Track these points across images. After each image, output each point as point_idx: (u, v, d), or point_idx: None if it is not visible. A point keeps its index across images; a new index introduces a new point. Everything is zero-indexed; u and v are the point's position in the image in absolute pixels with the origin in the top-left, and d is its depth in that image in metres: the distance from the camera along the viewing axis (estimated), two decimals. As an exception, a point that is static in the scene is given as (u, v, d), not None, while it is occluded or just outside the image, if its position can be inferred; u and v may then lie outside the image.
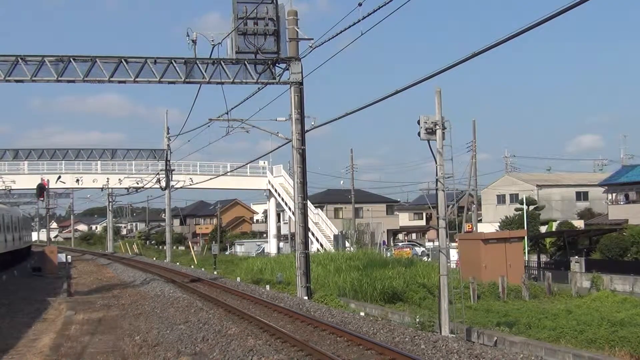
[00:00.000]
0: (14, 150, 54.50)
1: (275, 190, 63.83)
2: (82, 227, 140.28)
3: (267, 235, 71.57)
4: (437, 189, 16.68)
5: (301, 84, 23.81)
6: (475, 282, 25.85)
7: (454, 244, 33.62)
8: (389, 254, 43.53)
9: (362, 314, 18.90)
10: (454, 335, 15.38)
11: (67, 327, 16.41)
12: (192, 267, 43.01)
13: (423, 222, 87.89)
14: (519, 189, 62.08)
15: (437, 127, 16.07)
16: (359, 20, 18.01)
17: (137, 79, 23.31)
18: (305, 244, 24.19)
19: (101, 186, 65.64)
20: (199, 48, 23.27)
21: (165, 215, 60.71)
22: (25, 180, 60.01)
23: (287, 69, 23.91)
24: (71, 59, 22.75)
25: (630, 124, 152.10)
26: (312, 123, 25.00)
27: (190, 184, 58.92)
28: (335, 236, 48.24)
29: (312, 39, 22.93)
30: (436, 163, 16.25)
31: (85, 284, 31.25)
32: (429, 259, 44.02)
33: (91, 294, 26.01)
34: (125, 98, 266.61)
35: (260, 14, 22.98)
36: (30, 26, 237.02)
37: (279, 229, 70.93)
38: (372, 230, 52.87)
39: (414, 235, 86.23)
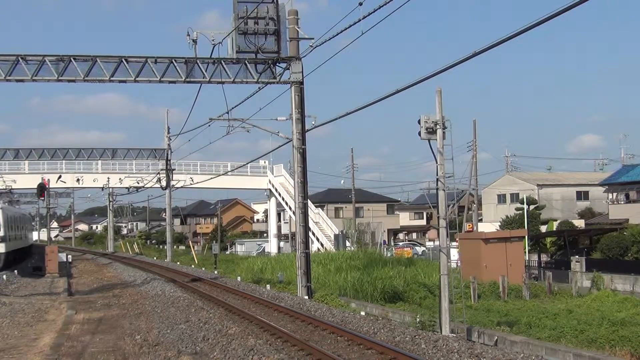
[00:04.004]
0: (15, 149, 54.67)
1: (276, 190, 63.81)
2: (83, 227, 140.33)
3: (267, 235, 71.57)
4: (437, 189, 16.67)
5: (302, 83, 23.80)
6: (475, 281, 25.83)
7: (454, 244, 33.58)
8: (389, 254, 43.51)
9: (362, 313, 18.89)
10: (454, 335, 15.38)
11: (67, 326, 16.40)
12: (193, 266, 43.03)
13: (423, 222, 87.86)
14: (520, 188, 62.05)
15: (438, 126, 16.06)
16: (360, 20, 18.02)
17: (137, 79, 23.32)
18: (306, 243, 24.19)
19: (102, 186, 65.67)
20: (200, 47, 23.32)
21: (165, 215, 60.72)
22: (26, 180, 60.06)
23: (288, 69, 23.90)
24: (72, 59, 22.77)
25: (631, 124, 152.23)
26: (313, 122, 25.01)
27: (191, 184, 58.91)
28: (336, 236, 48.20)
29: (313, 38, 22.95)
30: (437, 162, 16.24)
31: (85, 283, 31.28)
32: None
33: (92, 293, 26.02)
34: (126, 97, 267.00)
35: (261, 14, 22.98)
36: (30, 26, 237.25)
37: (279, 228, 70.92)
38: (372, 229, 52.83)
39: (414, 235, 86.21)
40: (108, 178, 64.76)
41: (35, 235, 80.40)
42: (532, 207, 52.67)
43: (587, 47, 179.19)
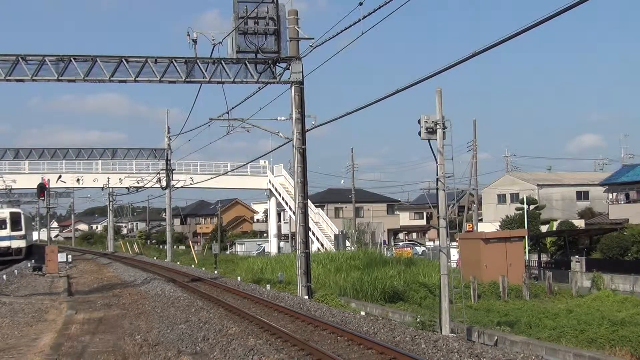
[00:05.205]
0: (15, 149, 54.65)
1: (276, 190, 63.83)
2: (83, 227, 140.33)
3: (267, 235, 71.58)
4: (437, 189, 16.67)
5: (302, 83, 23.80)
6: (475, 281, 25.84)
7: (454, 244, 33.59)
8: (389, 254, 43.50)
9: (362, 313, 18.89)
10: (454, 335, 15.38)
11: (67, 326, 16.41)
12: (193, 266, 43.04)
13: (424, 222, 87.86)
14: (520, 188, 62.06)
15: (438, 126, 16.06)
16: (360, 20, 18.01)
17: (137, 79, 23.32)
18: (306, 243, 24.19)
19: (102, 186, 65.71)
20: (200, 47, 23.32)
21: (165, 215, 60.72)
22: (26, 180, 60.12)
23: (288, 69, 23.90)
24: (72, 59, 22.77)
25: (631, 124, 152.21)
26: (313, 122, 25.01)
27: (191, 184, 58.92)
28: (336, 235, 48.22)
29: (313, 38, 22.96)
30: (437, 162, 16.24)
31: (85, 283, 31.29)
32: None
33: (92, 293, 26.03)
34: (126, 97, 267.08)
35: (261, 14, 22.98)
36: (30, 26, 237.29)
37: (279, 228, 70.92)
38: (372, 229, 52.85)
39: (414, 235, 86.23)
40: (108, 178, 64.78)
41: (35, 235, 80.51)
42: (532, 207, 52.66)
43: (587, 47, 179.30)
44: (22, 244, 47.29)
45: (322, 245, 52.97)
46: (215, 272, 37.52)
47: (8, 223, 46.32)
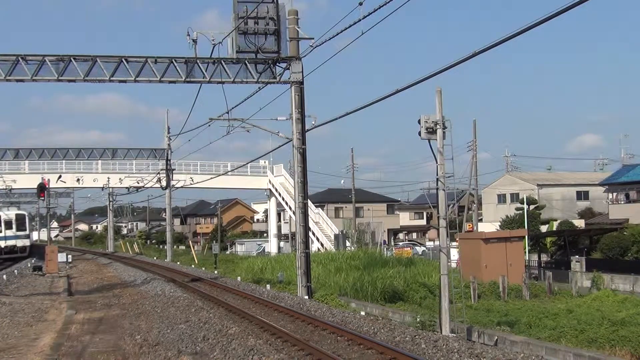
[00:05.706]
0: (15, 149, 54.73)
1: (276, 190, 63.82)
2: (83, 227, 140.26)
3: (267, 235, 71.56)
4: (437, 189, 16.68)
5: (302, 83, 23.79)
6: (475, 281, 25.84)
7: (454, 244, 33.57)
8: (389, 254, 43.49)
9: (362, 313, 18.89)
10: (454, 335, 15.38)
11: (67, 326, 16.41)
12: (193, 266, 43.04)
13: (424, 222, 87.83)
14: (520, 188, 62.03)
15: (438, 126, 16.07)
16: (360, 20, 18.01)
17: (137, 79, 23.32)
18: (306, 243, 24.19)
19: (102, 186, 65.70)
20: (200, 47, 23.33)
21: (165, 215, 60.72)
22: (26, 180, 60.15)
23: (288, 69, 23.90)
24: (72, 59, 22.77)
25: (631, 123, 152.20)
26: (313, 122, 24.99)
27: (191, 184, 58.91)
28: (336, 235, 48.21)
29: (313, 38, 22.96)
30: (437, 162, 16.24)
31: (85, 283, 31.29)
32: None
33: (92, 293, 26.04)
34: (126, 97, 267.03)
35: (261, 14, 22.99)
36: (29, 26, 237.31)
37: (279, 228, 70.90)
38: (372, 229, 52.85)
39: (414, 235, 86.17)
40: (108, 178, 64.77)
41: (35, 235, 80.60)
42: (532, 207, 52.65)
43: (587, 47, 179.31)
44: (26, 242, 53.11)
45: (322, 245, 52.96)
46: (215, 272, 37.51)
47: (14, 224, 51.46)
